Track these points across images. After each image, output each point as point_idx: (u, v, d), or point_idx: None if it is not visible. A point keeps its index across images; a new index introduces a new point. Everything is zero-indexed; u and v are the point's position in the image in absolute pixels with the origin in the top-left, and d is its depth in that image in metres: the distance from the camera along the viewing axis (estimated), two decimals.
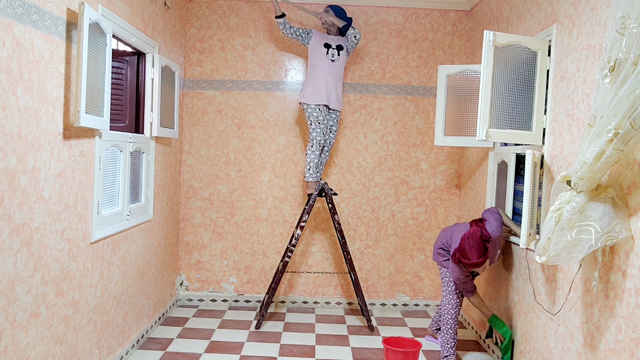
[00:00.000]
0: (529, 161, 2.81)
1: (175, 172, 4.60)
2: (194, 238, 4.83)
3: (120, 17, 3.18)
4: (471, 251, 3.14)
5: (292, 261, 4.86)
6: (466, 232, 3.24)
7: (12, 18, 2.12)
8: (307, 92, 4.23)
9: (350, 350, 3.86)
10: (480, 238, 3.16)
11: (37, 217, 2.36)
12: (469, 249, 3.15)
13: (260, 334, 4.11)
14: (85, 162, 2.81)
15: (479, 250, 3.14)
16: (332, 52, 4.26)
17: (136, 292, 3.68)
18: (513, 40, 3.02)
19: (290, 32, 4.26)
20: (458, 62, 4.80)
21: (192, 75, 4.76)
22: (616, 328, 2.25)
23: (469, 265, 3.18)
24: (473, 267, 3.18)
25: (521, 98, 3.12)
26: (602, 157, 2.07)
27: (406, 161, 4.86)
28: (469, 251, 3.15)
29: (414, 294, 4.93)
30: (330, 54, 4.25)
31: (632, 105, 1.91)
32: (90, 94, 2.64)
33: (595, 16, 2.55)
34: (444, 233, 3.75)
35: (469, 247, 3.15)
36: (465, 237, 3.21)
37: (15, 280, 2.21)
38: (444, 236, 3.71)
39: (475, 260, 3.14)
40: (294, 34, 4.27)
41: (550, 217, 2.37)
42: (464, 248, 3.17)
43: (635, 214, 2.16)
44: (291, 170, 4.82)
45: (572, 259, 2.30)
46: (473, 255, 3.14)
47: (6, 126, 2.11)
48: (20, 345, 2.27)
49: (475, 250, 3.14)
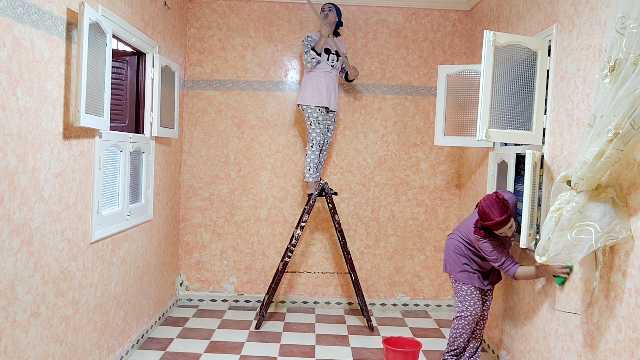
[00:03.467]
0: (529, 161, 2.81)
1: (175, 172, 4.60)
2: (194, 238, 4.83)
3: (120, 17, 3.18)
4: (492, 211, 2.93)
5: (292, 261, 4.86)
6: (481, 201, 3.03)
7: (12, 18, 2.12)
8: (307, 94, 4.24)
9: (350, 350, 3.86)
10: (496, 198, 2.97)
11: (37, 217, 2.36)
12: (489, 210, 2.94)
13: (260, 334, 4.11)
14: (85, 162, 2.81)
15: (499, 208, 2.92)
16: (332, 58, 4.31)
17: (136, 292, 3.68)
18: (513, 40, 3.02)
19: (314, 63, 4.24)
20: (458, 62, 4.80)
21: (192, 75, 4.76)
22: (616, 328, 2.25)
23: (495, 226, 2.93)
24: (499, 227, 2.93)
25: (521, 98, 3.12)
26: (602, 157, 2.07)
27: (406, 161, 4.86)
28: (490, 212, 2.93)
29: (414, 294, 4.92)
30: (330, 60, 4.29)
31: (632, 105, 1.91)
32: (90, 94, 2.64)
33: (595, 16, 2.55)
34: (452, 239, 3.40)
35: (489, 208, 2.94)
36: (481, 204, 3.01)
37: (15, 280, 2.21)
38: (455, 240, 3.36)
39: (499, 219, 2.90)
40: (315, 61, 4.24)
41: (550, 217, 2.37)
42: (485, 211, 2.95)
43: (635, 214, 2.16)
44: (291, 170, 4.82)
45: (572, 259, 2.30)
46: (495, 214, 2.91)
47: (6, 126, 2.11)
48: (20, 345, 2.27)
49: (495, 208, 2.92)
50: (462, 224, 3.37)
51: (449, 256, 3.38)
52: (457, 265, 3.31)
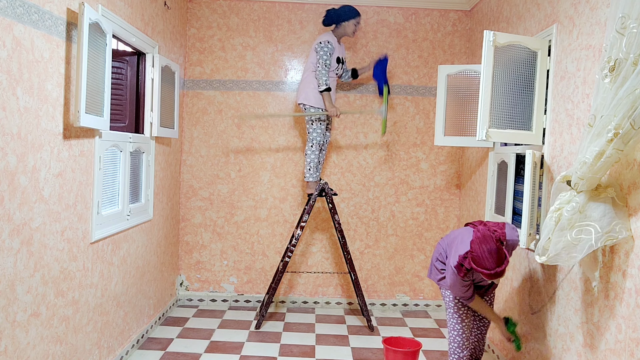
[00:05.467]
0: (529, 161, 2.82)
1: (175, 172, 4.60)
2: (194, 238, 4.83)
3: (120, 17, 3.18)
4: (488, 260, 2.53)
5: (292, 261, 4.86)
6: (475, 235, 2.64)
7: (12, 18, 2.12)
8: (310, 94, 4.20)
9: (350, 350, 3.86)
10: (496, 243, 2.57)
11: (37, 217, 2.36)
12: (485, 257, 2.54)
13: (260, 334, 4.11)
14: (85, 162, 2.81)
15: (497, 257, 2.54)
16: (343, 67, 4.34)
17: (136, 292, 3.68)
18: (513, 40, 3.02)
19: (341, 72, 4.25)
20: (458, 62, 4.80)
21: (192, 75, 4.76)
22: (616, 328, 2.25)
23: (487, 275, 2.56)
24: (491, 278, 2.57)
25: (521, 98, 3.12)
26: (602, 157, 2.07)
27: (406, 161, 4.86)
28: (485, 260, 2.54)
29: (414, 294, 4.92)
30: (340, 68, 4.30)
31: (632, 105, 1.91)
32: (90, 94, 2.64)
33: (595, 16, 2.55)
34: (439, 245, 3.13)
35: (485, 255, 2.54)
36: (477, 246, 2.59)
37: (15, 280, 2.21)
38: (440, 247, 3.09)
39: (494, 271, 2.53)
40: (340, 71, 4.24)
41: (550, 217, 2.37)
42: (479, 256, 2.55)
43: (635, 214, 2.16)
44: (291, 170, 4.82)
45: (572, 259, 2.30)
46: (491, 264, 2.53)
47: (6, 126, 2.11)
48: (20, 345, 2.27)
49: (493, 257, 2.53)
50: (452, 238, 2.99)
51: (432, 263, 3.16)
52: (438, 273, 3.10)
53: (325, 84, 4.10)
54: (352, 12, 4.17)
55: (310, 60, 4.26)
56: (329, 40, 4.13)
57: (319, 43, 4.14)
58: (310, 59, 4.25)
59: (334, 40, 4.18)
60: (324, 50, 4.10)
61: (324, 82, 4.09)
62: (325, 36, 4.19)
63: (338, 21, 4.19)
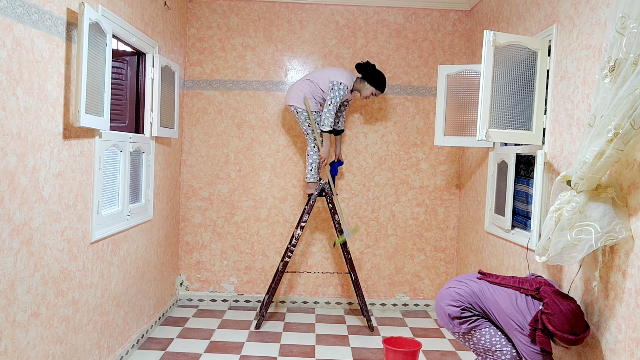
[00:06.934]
0: (540, 162, 2.83)
1: (175, 172, 4.60)
2: (194, 238, 4.83)
3: (120, 17, 3.18)
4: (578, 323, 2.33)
5: (292, 261, 4.86)
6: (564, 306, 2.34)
7: (12, 18, 2.12)
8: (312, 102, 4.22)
9: (350, 350, 3.86)
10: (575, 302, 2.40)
11: (37, 217, 2.36)
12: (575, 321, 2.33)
13: (260, 334, 4.11)
14: (85, 162, 2.81)
15: (582, 319, 2.36)
16: (342, 113, 4.43)
17: (136, 292, 3.68)
18: (513, 40, 3.02)
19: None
20: (458, 62, 4.80)
21: (192, 75, 4.76)
22: (616, 328, 2.25)
23: (571, 342, 2.33)
24: (575, 344, 2.35)
25: (521, 98, 3.12)
26: (602, 157, 2.07)
27: (406, 161, 4.86)
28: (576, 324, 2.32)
29: (414, 294, 4.92)
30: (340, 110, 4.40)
31: (632, 105, 1.91)
32: (90, 94, 2.64)
33: (595, 16, 2.55)
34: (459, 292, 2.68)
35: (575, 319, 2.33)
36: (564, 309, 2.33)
37: (15, 280, 2.21)
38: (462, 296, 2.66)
39: (582, 335, 2.33)
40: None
41: (550, 217, 2.37)
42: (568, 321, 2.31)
43: (635, 214, 2.16)
44: (291, 170, 4.82)
45: (572, 259, 2.30)
46: (574, 327, 2.32)
47: (6, 126, 2.11)
48: (20, 345, 2.27)
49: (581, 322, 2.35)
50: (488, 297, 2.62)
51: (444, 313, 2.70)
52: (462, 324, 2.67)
53: (330, 126, 4.14)
54: (379, 82, 4.22)
55: (320, 82, 4.18)
56: (347, 85, 4.14)
57: (338, 83, 4.11)
58: (321, 82, 4.18)
59: (350, 85, 4.19)
60: (339, 92, 4.12)
61: (329, 124, 4.13)
62: (345, 77, 4.16)
63: (365, 77, 4.21)
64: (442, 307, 2.70)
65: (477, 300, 2.64)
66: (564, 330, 2.30)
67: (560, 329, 2.31)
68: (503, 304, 2.55)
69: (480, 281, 2.70)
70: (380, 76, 4.22)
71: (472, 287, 2.68)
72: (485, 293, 2.63)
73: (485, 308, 2.62)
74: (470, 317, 2.64)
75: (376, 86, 4.22)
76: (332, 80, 4.14)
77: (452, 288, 2.72)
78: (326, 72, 4.23)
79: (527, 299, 2.51)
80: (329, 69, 4.27)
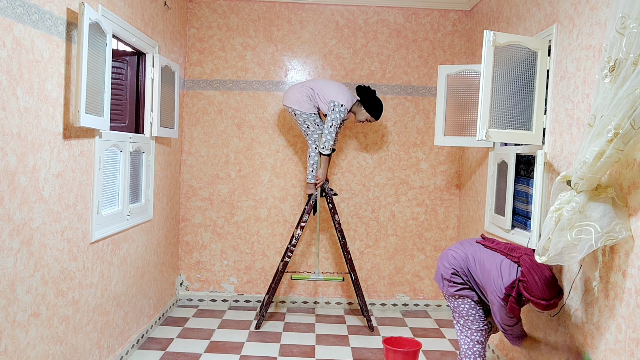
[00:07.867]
0: (540, 162, 2.83)
1: (175, 172, 4.60)
2: (194, 238, 4.83)
3: (120, 17, 3.18)
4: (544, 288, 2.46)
5: (292, 261, 4.86)
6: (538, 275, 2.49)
7: (12, 18, 2.12)
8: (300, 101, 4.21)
9: (350, 350, 3.86)
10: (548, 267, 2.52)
11: (37, 217, 2.36)
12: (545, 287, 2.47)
13: (260, 334, 4.11)
14: (85, 162, 2.81)
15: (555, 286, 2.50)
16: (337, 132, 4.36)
17: (136, 292, 3.68)
18: (513, 40, 3.02)
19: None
20: (458, 62, 4.80)
21: (192, 75, 4.76)
22: (616, 328, 2.25)
23: (544, 307, 2.49)
24: (548, 309, 2.51)
25: (521, 98, 3.12)
26: (602, 157, 2.07)
27: (406, 161, 4.86)
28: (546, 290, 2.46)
29: (414, 294, 4.92)
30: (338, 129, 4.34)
31: (632, 105, 1.91)
32: (90, 94, 2.64)
33: (595, 16, 2.55)
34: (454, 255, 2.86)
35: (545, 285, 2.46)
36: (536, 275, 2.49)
37: (15, 280, 2.21)
38: (456, 259, 2.84)
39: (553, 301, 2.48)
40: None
41: (550, 217, 2.37)
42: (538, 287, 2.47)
43: (635, 214, 2.16)
44: (291, 170, 4.82)
45: (572, 259, 2.30)
46: (546, 293, 2.46)
47: (6, 126, 2.11)
48: (20, 345, 2.27)
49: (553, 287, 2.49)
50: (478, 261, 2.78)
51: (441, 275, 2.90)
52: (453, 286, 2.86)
53: (330, 150, 4.15)
54: (376, 110, 4.22)
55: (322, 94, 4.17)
56: (347, 107, 4.14)
57: (339, 104, 4.10)
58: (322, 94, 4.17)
59: (349, 106, 4.19)
60: (339, 115, 4.12)
61: (329, 147, 4.14)
62: (347, 99, 4.15)
63: (363, 101, 4.21)
64: (439, 266, 2.93)
65: (468, 265, 2.82)
66: (537, 296, 2.47)
67: (533, 295, 2.48)
68: (489, 265, 2.71)
69: (477, 245, 2.89)
70: (378, 104, 4.22)
71: (466, 251, 2.87)
72: (477, 255, 2.81)
73: (473, 272, 2.79)
74: (459, 284, 2.83)
75: (372, 113, 4.22)
76: (334, 100, 4.12)
77: (452, 250, 2.92)
78: (330, 86, 4.19)
79: (510, 265, 2.65)
80: (332, 83, 4.24)
